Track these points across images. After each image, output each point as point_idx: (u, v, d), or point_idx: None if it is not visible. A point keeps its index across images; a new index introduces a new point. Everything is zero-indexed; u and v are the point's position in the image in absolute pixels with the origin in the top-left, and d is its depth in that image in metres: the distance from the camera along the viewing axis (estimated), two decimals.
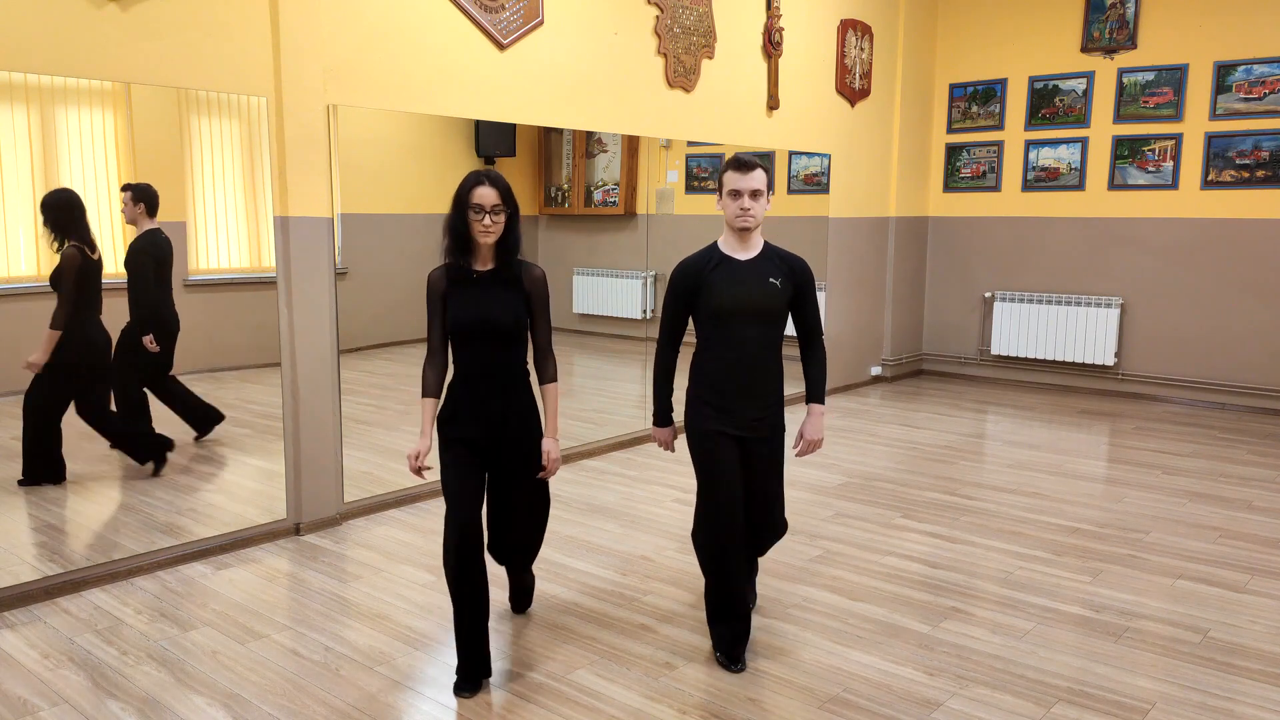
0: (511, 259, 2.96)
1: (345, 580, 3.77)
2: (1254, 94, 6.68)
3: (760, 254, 3.10)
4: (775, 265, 3.10)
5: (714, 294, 3.05)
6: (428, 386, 2.99)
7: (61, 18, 3.43)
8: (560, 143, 6.87)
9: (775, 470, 3.20)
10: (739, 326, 3.06)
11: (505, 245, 2.93)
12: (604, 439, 5.77)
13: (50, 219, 3.78)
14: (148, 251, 4.09)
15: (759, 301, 3.05)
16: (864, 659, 3.15)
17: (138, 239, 4.07)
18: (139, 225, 4.06)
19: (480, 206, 2.84)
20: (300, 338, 4.21)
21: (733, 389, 3.07)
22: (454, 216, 2.90)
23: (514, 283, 2.96)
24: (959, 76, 8.03)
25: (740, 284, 3.05)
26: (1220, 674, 3.07)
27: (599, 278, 6.89)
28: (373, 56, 4.35)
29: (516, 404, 3.00)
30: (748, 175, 3.00)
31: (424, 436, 2.95)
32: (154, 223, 4.09)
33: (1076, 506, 4.75)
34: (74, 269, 3.79)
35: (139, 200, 4.03)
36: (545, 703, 2.86)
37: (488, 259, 2.95)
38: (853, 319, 7.69)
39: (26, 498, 4.02)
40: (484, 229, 2.86)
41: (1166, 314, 7.21)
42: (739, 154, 3.09)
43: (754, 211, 3.01)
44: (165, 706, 2.81)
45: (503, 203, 2.86)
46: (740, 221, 3.02)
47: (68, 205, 3.81)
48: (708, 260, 3.10)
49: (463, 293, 2.93)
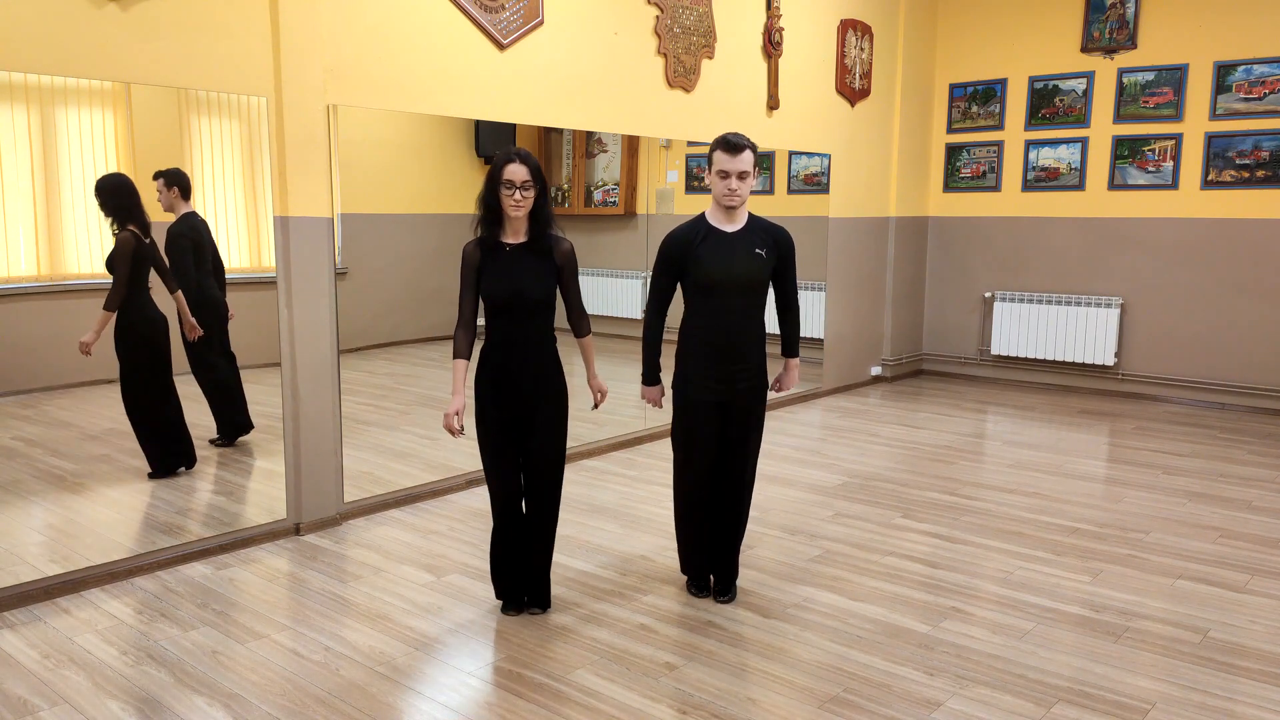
0: (544, 232, 3.15)
1: (345, 580, 3.77)
2: (1254, 94, 6.68)
3: (746, 226, 3.29)
4: (760, 237, 3.28)
5: (702, 266, 3.23)
6: (459, 349, 3.18)
7: (61, 18, 3.43)
8: (560, 143, 6.87)
9: (756, 426, 3.45)
10: (725, 296, 3.25)
11: (537, 219, 3.12)
12: (604, 439, 5.78)
13: (109, 203, 3.88)
14: (185, 235, 4.20)
15: (745, 272, 3.24)
16: (864, 659, 3.15)
17: (175, 223, 4.17)
18: (175, 210, 4.17)
19: (511, 182, 3.03)
20: (300, 338, 4.21)
21: (719, 355, 3.29)
22: (487, 191, 3.09)
23: (545, 255, 3.15)
24: (959, 76, 8.03)
25: (728, 256, 3.23)
26: (1220, 674, 3.07)
27: (599, 278, 6.89)
28: (373, 56, 4.35)
29: (544, 369, 3.21)
30: (736, 157, 3.17)
31: (457, 395, 3.14)
32: (189, 206, 4.19)
33: (1076, 506, 4.75)
34: (129, 252, 3.91)
35: (172, 185, 4.14)
36: (545, 703, 2.86)
37: (520, 232, 3.14)
38: (853, 319, 7.69)
39: (28, 498, 4.02)
40: (515, 204, 3.04)
41: (1166, 314, 7.21)
42: (728, 134, 3.23)
43: (740, 192, 3.20)
44: (165, 706, 2.81)
45: (533, 179, 3.04)
46: (727, 200, 3.22)
47: (126, 190, 3.93)
48: (696, 232, 3.27)
49: (496, 266, 3.11)
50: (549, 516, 3.37)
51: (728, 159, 3.18)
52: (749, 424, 3.43)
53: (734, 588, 3.61)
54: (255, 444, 4.66)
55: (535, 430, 3.24)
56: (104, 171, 4.02)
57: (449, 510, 4.61)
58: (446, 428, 3.15)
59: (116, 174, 3.99)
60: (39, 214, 3.85)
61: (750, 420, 3.43)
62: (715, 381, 3.32)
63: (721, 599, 3.56)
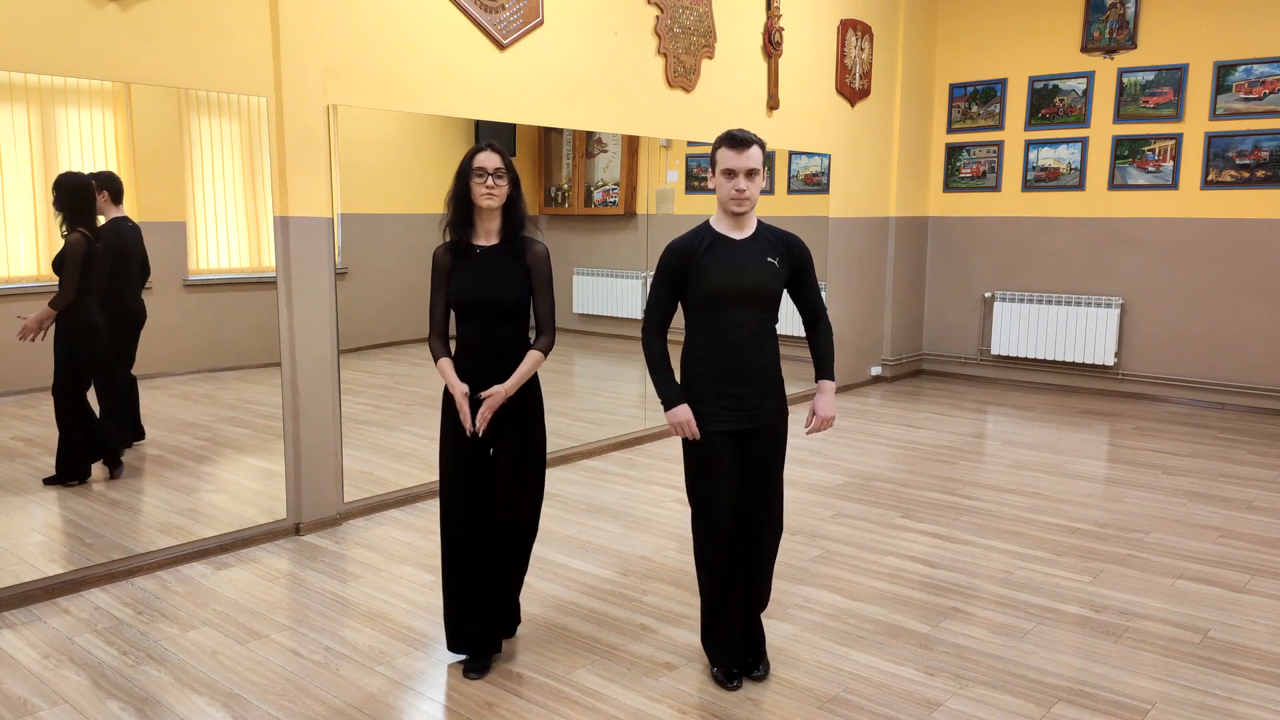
0: (517, 234, 2.97)
1: (345, 580, 3.77)
2: (1254, 94, 6.68)
3: (755, 233, 2.91)
4: (771, 244, 2.91)
5: (706, 277, 2.84)
6: (438, 351, 3.01)
7: (61, 18, 3.43)
8: (560, 143, 6.87)
9: (777, 461, 2.98)
10: (732, 310, 2.85)
11: (510, 219, 2.96)
12: (604, 439, 5.78)
13: (63, 203, 3.79)
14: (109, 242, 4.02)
15: (755, 283, 2.85)
16: (864, 659, 3.15)
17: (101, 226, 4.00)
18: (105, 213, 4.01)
19: (483, 169, 2.88)
20: (300, 338, 4.21)
21: (729, 378, 2.86)
22: (457, 186, 2.94)
23: (518, 257, 2.97)
24: (959, 76, 8.03)
25: (735, 265, 2.85)
26: (1220, 674, 3.06)
27: (599, 278, 6.90)
28: (373, 56, 4.35)
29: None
30: (743, 153, 2.80)
31: (456, 385, 2.94)
32: (120, 210, 4.04)
33: (1076, 506, 4.75)
34: (79, 254, 3.81)
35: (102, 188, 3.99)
36: (545, 703, 2.85)
37: (492, 233, 2.97)
38: (853, 319, 7.69)
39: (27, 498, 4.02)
40: (487, 190, 2.88)
41: (1166, 314, 7.21)
42: (733, 130, 2.88)
43: (749, 193, 2.82)
44: (165, 706, 2.81)
45: (505, 167, 2.90)
46: (734, 205, 2.84)
47: (84, 191, 3.84)
48: (699, 240, 2.88)
49: (465, 268, 2.95)
50: (526, 530, 3.09)
51: (734, 155, 2.80)
52: (770, 453, 2.95)
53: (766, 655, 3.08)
54: (255, 444, 4.65)
55: (506, 431, 2.99)
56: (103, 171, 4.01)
57: None
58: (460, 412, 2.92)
59: (75, 173, 3.89)
60: (39, 214, 3.85)
61: (772, 446, 2.96)
62: (728, 409, 2.87)
63: (755, 674, 3.01)
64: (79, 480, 4.11)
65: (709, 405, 2.88)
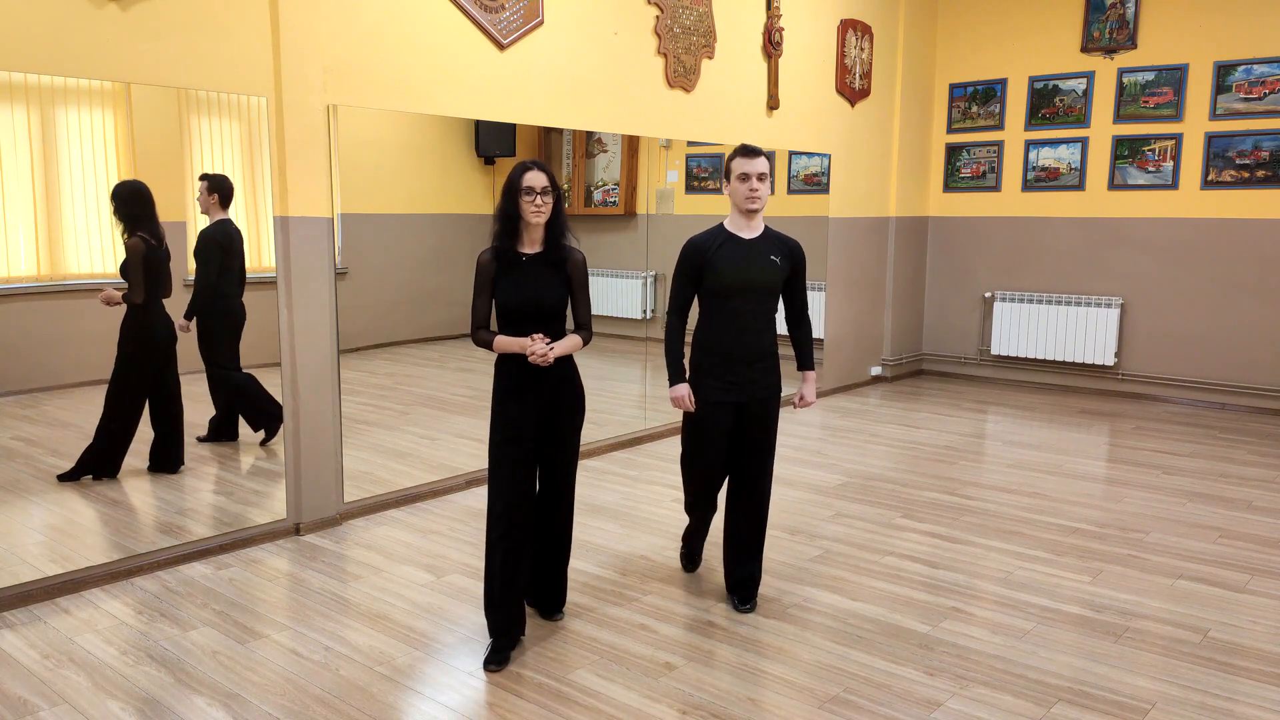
0: (559, 242, 3.17)
1: (345, 580, 3.77)
2: (1254, 94, 6.68)
3: (762, 234, 3.42)
4: (775, 245, 3.42)
5: (719, 271, 3.35)
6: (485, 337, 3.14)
7: (61, 18, 3.43)
8: (560, 143, 6.87)
9: (772, 426, 3.50)
10: (740, 300, 3.38)
11: (553, 229, 3.14)
12: (604, 439, 5.77)
13: (122, 210, 3.91)
14: (216, 240, 4.26)
15: (760, 277, 3.37)
16: (864, 659, 3.15)
17: (209, 227, 4.26)
18: (211, 214, 4.25)
19: (532, 189, 3.04)
20: (300, 338, 4.21)
21: (734, 356, 3.39)
22: (505, 202, 3.09)
23: (559, 265, 3.16)
24: (959, 76, 8.03)
25: (744, 261, 3.36)
26: (1220, 674, 3.07)
27: (599, 278, 6.89)
28: (373, 56, 4.35)
29: (562, 374, 3.18)
30: (755, 160, 3.34)
31: (518, 340, 3.07)
32: (225, 214, 4.26)
33: (1076, 506, 4.75)
34: (139, 258, 3.92)
35: (213, 191, 4.22)
36: (545, 703, 2.86)
37: (535, 242, 3.15)
38: (853, 319, 7.69)
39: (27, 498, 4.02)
40: (536, 209, 3.05)
41: (1166, 314, 7.21)
42: (744, 144, 3.40)
43: (761, 193, 3.34)
44: (165, 706, 2.82)
45: (550, 185, 3.07)
46: (749, 204, 3.34)
47: (140, 198, 3.93)
48: (714, 239, 3.40)
49: (511, 275, 3.12)
50: (568, 519, 3.38)
51: (747, 162, 3.33)
52: (765, 423, 3.47)
53: (755, 597, 3.56)
54: (256, 444, 4.65)
55: (555, 435, 3.22)
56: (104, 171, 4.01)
57: (449, 510, 4.61)
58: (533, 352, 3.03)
59: (133, 181, 4.02)
60: (39, 214, 3.85)
61: (766, 419, 3.47)
62: (730, 384, 3.40)
63: (743, 608, 3.51)
64: (110, 475, 4.19)
65: (712, 379, 3.41)
